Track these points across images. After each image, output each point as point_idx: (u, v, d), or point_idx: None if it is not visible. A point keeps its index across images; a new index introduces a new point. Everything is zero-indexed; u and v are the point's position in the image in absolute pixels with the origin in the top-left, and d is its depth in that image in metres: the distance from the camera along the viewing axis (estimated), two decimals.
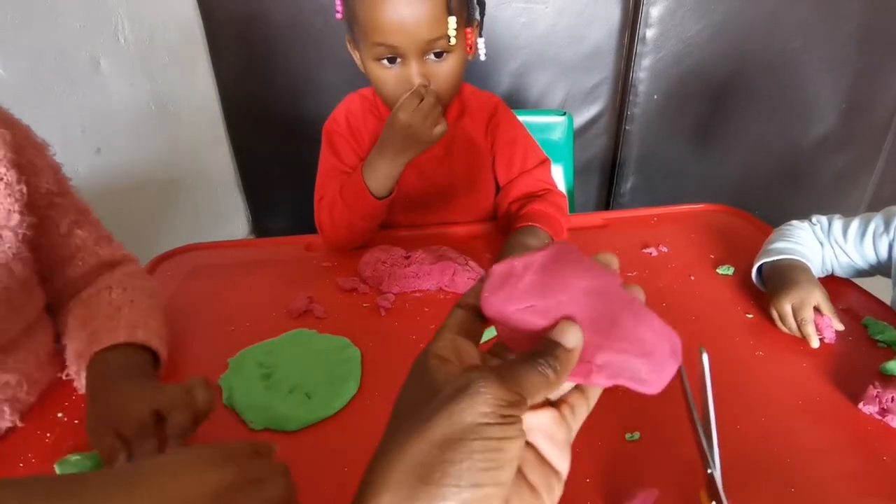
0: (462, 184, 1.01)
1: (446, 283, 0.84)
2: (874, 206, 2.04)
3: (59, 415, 0.64)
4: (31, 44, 1.25)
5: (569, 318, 0.29)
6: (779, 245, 0.82)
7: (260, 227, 2.15)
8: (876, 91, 1.87)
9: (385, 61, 0.81)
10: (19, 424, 0.62)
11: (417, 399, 0.28)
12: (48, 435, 0.61)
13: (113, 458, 0.51)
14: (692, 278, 0.88)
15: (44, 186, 0.65)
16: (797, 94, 1.86)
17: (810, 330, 0.71)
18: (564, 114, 1.65)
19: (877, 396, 0.61)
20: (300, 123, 1.91)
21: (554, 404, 0.31)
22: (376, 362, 0.71)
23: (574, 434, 0.31)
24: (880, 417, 0.61)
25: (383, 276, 0.87)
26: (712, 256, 0.94)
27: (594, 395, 0.32)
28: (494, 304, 0.30)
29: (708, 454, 0.34)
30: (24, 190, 0.61)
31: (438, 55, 0.81)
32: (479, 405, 0.25)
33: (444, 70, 0.82)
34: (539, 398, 0.28)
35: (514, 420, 0.26)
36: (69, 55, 1.35)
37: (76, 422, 0.63)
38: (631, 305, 0.29)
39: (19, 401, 0.63)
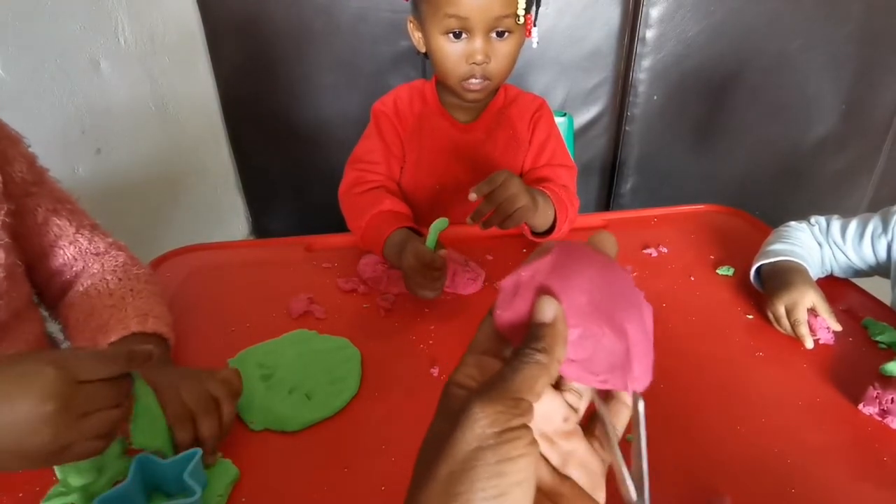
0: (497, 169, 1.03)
1: (446, 283, 0.84)
2: (874, 207, 2.04)
3: None
4: (32, 45, 1.25)
5: (547, 295, 0.27)
6: (776, 247, 0.82)
7: (260, 227, 2.16)
8: (876, 91, 1.87)
9: (451, 35, 0.85)
10: None
11: (440, 433, 0.27)
12: None
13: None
14: (692, 279, 0.88)
15: (18, 175, 0.66)
16: (797, 95, 1.86)
17: (803, 331, 0.71)
18: (565, 114, 1.66)
19: (877, 397, 0.61)
20: (300, 124, 1.91)
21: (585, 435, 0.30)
22: (376, 362, 0.71)
23: (607, 466, 0.30)
24: (880, 419, 0.61)
25: (383, 277, 0.87)
26: (712, 257, 0.94)
27: (621, 424, 0.31)
28: (506, 320, 0.28)
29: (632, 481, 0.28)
30: (0, 178, 0.62)
31: (501, 35, 0.86)
32: (474, 429, 0.24)
33: (505, 49, 0.87)
34: (540, 389, 0.26)
35: (516, 436, 0.24)
36: (69, 56, 1.35)
37: None
38: (641, 305, 0.28)
39: None
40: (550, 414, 0.28)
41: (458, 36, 0.85)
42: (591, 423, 0.31)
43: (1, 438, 0.40)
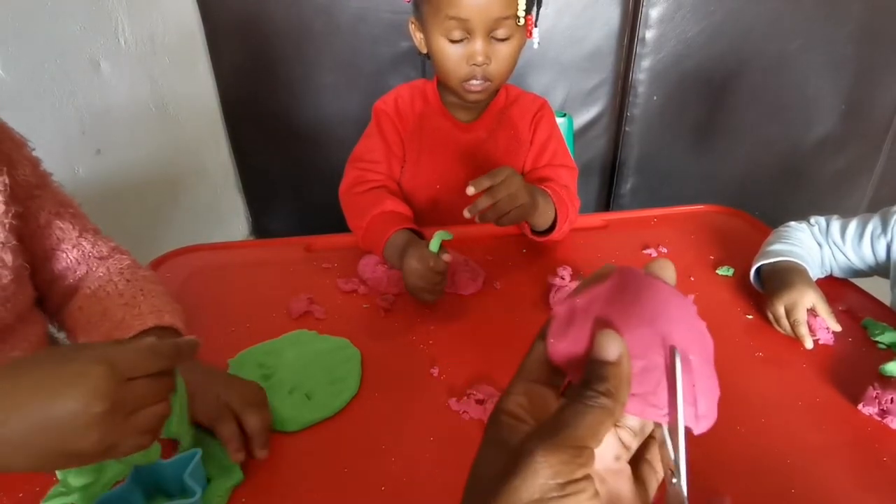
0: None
1: (446, 284, 0.84)
2: (874, 207, 2.04)
3: None
4: (32, 45, 1.25)
5: (610, 330, 0.25)
6: (776, 247, 0.82)
7: (260, 227, 2.16)
8: (875, 92, 1.87)
9: (452, 37, 0.86)
10: None
11: (491, 464, 0.25)
12: None
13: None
14: (692, 279, 0.88)
15: (22, 178, 0.66)
16: (797, 95, 1.86)
17: (803, 331, 0.71)
18: (564, 115, 1.66)
19: (876, 397, 0.61)
20: (300, 124, 1.91)
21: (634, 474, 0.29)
22: (376, 363, 0.71)
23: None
24: (880, 419, 0.61)
25: (383, 278, 0.87)
26: (712, 257, 0.94)
27: (660, 466, 0.29)
28: (561, 351, 0.27)
29: (674, 462, 0.27)
30: (7, 181, 0.62)
31: (502, 36, 0.86)
32: (536, 479, 0.23)
33: (505, 51, 0.87)
34: (604, 434, 0.25)
35: (580, 489, 0.23)
36: (69, 57, 1.35)
37: None
38: (705, 336, 0.27)
39: None
40: (603, 451, 0.27)
41: (458, 38, 0.86)
42: (635, 465, 0.29)
43: (46, 440, 0.38)
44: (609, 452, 0.28)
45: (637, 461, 0.29)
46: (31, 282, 0.68)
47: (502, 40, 0.86)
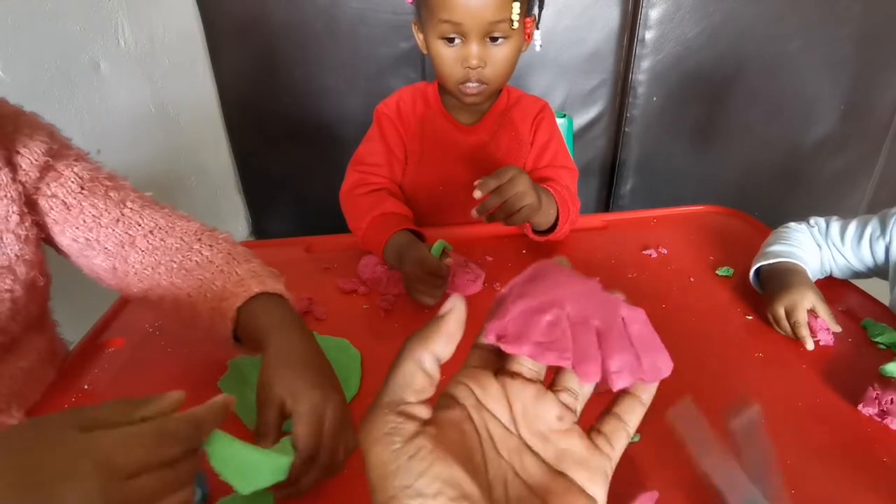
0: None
1: (447, 286, 0.84)
2: (873, 208, 2.05)
3: None
4: (32, 46, 1.25)
5: (456, 294, 0.29)
6: (775, 248, 0.82)
7: (260, 229, 2.16)
8: (875, 92, 1.87)
9: (447, 40, 0.86)
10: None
11: None
12: None
13: (266, 434, 0.50)
14: (692, 280, 0.88)
15: (23, 177, 0.62)
16: (796, 96, 1.86)
17: (804, 332, 0.71)
18: (564, 116, 1.66)
19: (876, 398, 0.61)
20: (300, 126, 1.91)
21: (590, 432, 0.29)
22: (376, 363, 0.71)
23: (614, 463, 0.29)
24: (880, 419, 0.61)
25: (382, 278, 0.87)
26: (712, 258, 0.94)
27: (633, 420, 0.30)
28: (490, 332, 0.29)
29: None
30: (20, 189, 0.60)
31: (497, 39, 0.86)
32: (370, 458, 0.24)
33: (501, 54, 0.87)
34: (420, 384, 0.25)
35: (412, 451, 0.23)
36: (69, 58, 1.35)
37: None
38: (616, 304, 0.30)
39: (24, 397, 0.63)
40: (542, 413, 0.29)
41: (453, 40, 0.86)
42: (599, 420, 0.30)
43: None
44: (549, 413, 0.29)
45: (604, 416, 0.30)
46: (48, 291, 0.67)
47: (497, 44, 0.86)
